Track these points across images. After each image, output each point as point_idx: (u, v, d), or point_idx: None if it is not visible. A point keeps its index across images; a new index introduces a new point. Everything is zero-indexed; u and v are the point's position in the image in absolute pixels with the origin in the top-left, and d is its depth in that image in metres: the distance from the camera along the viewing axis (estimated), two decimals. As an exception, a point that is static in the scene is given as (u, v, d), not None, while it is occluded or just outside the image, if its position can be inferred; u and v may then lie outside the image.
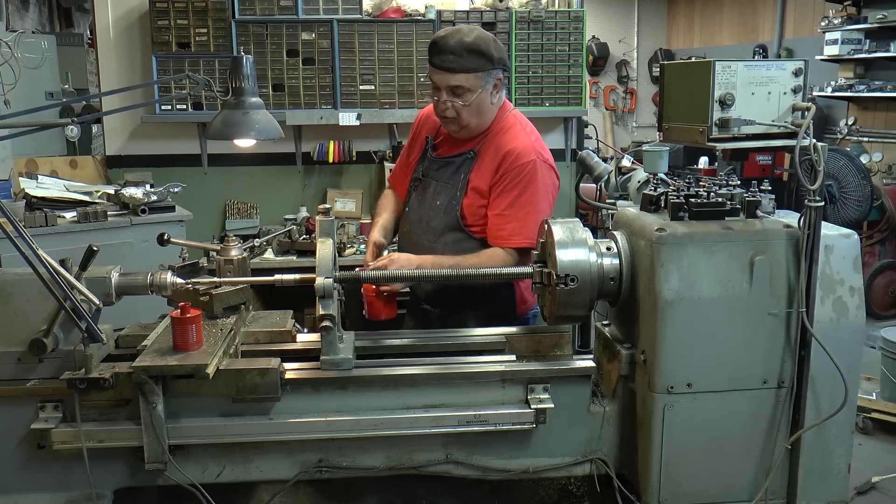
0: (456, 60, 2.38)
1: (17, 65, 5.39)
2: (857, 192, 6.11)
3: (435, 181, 2.59)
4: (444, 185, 2.56)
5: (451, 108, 2.45)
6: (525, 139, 2.51)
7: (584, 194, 4.58)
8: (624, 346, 2.09)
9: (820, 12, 8.00)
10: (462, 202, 2.51)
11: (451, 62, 2.39)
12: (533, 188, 2.45)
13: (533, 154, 2.47)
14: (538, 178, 2.46)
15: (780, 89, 1.98)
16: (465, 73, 2.40)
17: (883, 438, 4.26)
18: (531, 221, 2.39)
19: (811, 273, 1.93)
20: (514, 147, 2.47)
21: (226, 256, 2.14)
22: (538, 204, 2.47)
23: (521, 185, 2.45)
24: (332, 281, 1.95)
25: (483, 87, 2.44)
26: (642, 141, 8.93)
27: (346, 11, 4.84)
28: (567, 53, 5.01)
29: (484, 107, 2.48)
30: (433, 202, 2.58)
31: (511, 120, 2.57)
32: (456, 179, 2.54)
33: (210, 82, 2.32)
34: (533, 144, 2.51)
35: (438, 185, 2.58)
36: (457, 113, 2.45)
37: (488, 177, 2.49)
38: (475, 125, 2.51)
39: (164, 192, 4.28)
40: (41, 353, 1.82)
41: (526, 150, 2.47)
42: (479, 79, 2.42)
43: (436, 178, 2.60)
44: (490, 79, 2.45)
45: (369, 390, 1.97)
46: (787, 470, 2.02)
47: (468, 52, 2.39)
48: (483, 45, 2.41)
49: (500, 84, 2.50)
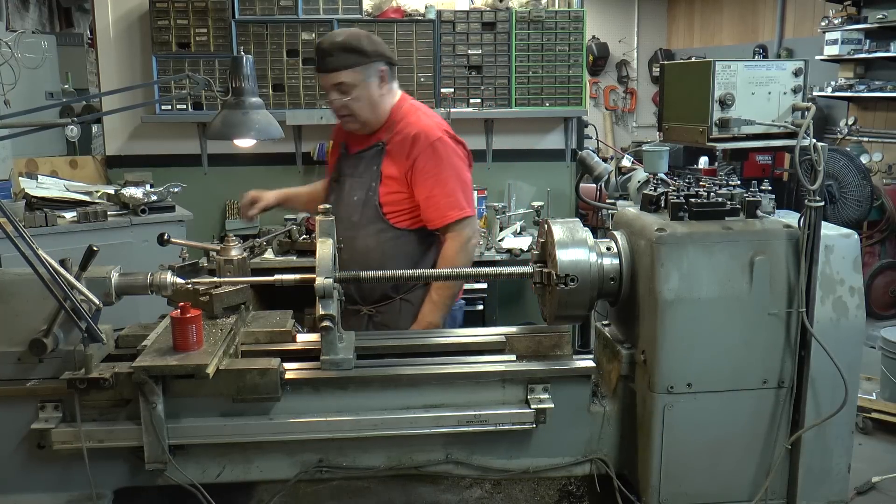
0: (332, 60, 2.54)
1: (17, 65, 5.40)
2: (857, 192, 6.11)
3: (349, 178, 2.72)
4: (358, 179, 2.69)
5: (343, 106, 2.60)
6: (427, 121, 2.67)
7: (584, 194, 4.59)
8: (624, 346, 2.09)
9: (820, 12, 8.01)
10: (378, 192, 2.63)
11: (329, 63, 2.54)
12: (449, 162, 2.61)
13: (438, 131, 2.63)
14: (450, 151, 2.62)
15: (780, 89, 1.98)
16: (344, 69, 2.54)
17: (883, 438, 4.26)
18: (459, 192, 2.61)
19: (811, 273, 1.93)
20: (419, 130, 2.61)
21: (226, 256, 2.14)
22: (460, 175, 2.64)
23: (437, 163, 2.59)
24: (332, 281, 1.95)
25: (365, 81, 2.57)
26: (642, 141, 8.94)
27: (346, 11, 4.84)
28: (567, 53, 5.01)
29: (373, 98, 2.61)
30: (350, 198, 2.69)
31: (410, 108, 2.72)
32: (368, 172, 2.67)
33: (210, 82, 2.32)
34: (437, 124, 2.68)
35: (352, 180, 2.71)
36: (349, 109, 2.60)
37: (400, 163, 2.62)
38: (371, 118, 2.65)
39: (164, 192, 4.28)
40: (41, 353, 1.82)
41: (430, 130, 2.62)
42: (359, 73, 2.56)
43: (350, 175, 2.73)
44: (371, 72, 2.59)
45: (369, 390, 1.97)
46: (787, 470, 2.02)
47: (341, 51, 2.53)
48: (354, 42, 2.56)
49: (385, 75, 2.63)
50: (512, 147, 5.25)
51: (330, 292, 1.95)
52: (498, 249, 4.56)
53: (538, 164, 5.26)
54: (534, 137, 5.28)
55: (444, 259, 2.62)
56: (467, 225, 2.62)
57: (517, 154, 5.26)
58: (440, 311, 2.60)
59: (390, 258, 2.58)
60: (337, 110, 2.63)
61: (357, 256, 2.57)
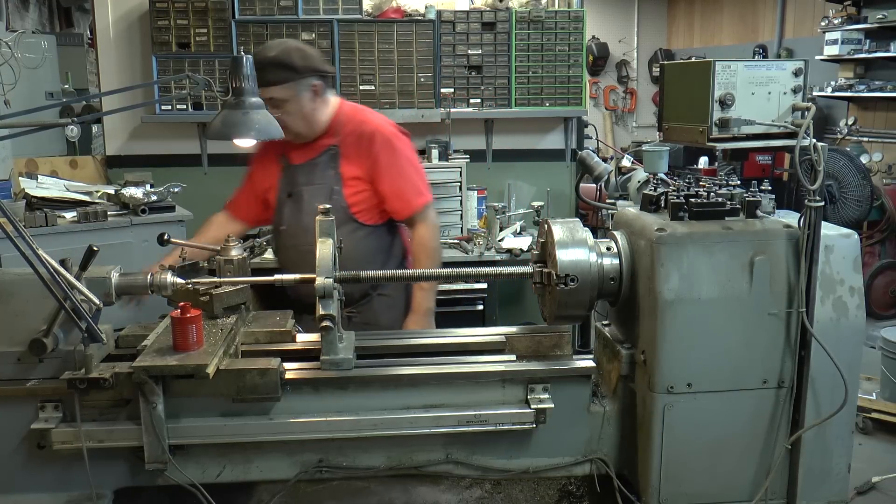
0: (264, 75, 2.47)
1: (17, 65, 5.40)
2: (857, 192, 6.11)
3: (306, 186, 2.72)
4: (318, 186, 2.70)
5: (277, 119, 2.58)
6: (376, 118, 2.76)
7: (584, 194, 4.59)
8: (624, 346, 2.09)
9: (820, 12, 8.01)
10: (343, 193, 2.67)
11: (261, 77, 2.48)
12: (405, 154, 2.74)
13: (389, 126, 2.75)
14: (404, 144, 2.76)
15: (780, 89, 1.98)
16: (275, 85, 2.54)
17: (883, 438, 4.26)
18: (419, 180, 2.75)
19: (811, 273, 1.93)
20: (374, 128, 2.69)
21: (226, 256, 2.14)
22: (416, 164, 2.79)
23: (396, 156, 2.70)
24: (332, 281, 1.95)
25: (297, 96, 2.60)
26: (642, 141, 8.93)
27: (346, 11, 4.84)
28: (567, 53, 5.01)
29: (305, 112, 2.63)
30: (311, 206, 2.64)
31: (353, 109, 2.79)
32: (327, 177, 2.70)
33: (210, 82, 2.31)
34: (385, 120, 2.78)
35: (310, 188, 2.70)
36: (282, 122, 2.54)
37: (360, 162, 2.68)
38: (304, 130, 2.67)
39: (164, 192, 4.28)
40: (41, 353, 1.82)
41: (383, 126, 2.73)
42: (290, 89, 2.58)
43: (306, 184, 2.72)
44: (302, 87, 2.61)
45: (369, 390, 1.97)
46: (787, 470, 2.02)
47: (272, 66, 2.53)
48: (285, 58, 2.57)
49: (318, 89, 2.66)
50: (512, 147, 5.25)
51: (330, 292, 1.95)
52: (498, 249, 4.56)
53: (538, 164, 5.26)
54: (534, 137, 5.28)
55: (422, 245, 2.73)
56: (432, 209, 2.77)
57: (517, 154, 5.26)
58: (432, 295, 2.74)
59: (366, 256, 2.64)
60: None
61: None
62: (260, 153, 2.86)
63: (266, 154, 2.82)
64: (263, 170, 2.84)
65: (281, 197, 2.79)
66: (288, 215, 2.76)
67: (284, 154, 2.77)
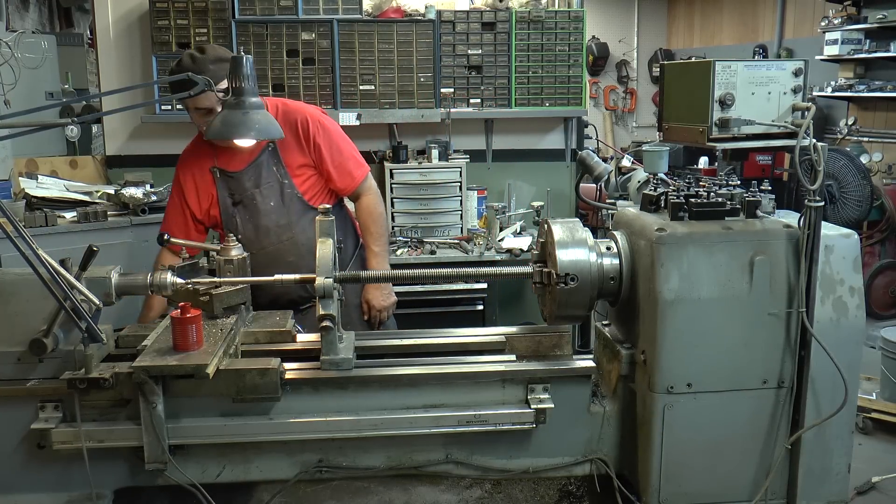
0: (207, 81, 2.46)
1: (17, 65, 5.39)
2: (857, 192, 6.10)
3: (255, 189, 2.71)
4: (266, 184, 2.71)
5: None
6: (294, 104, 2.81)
7: (584, 194, 4.59)
8: (624, 346, 2.09)
9: (820, 12, 8.00)
10: (295, 184, 2.70)
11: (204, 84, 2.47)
12: (335, 130, 2.81)
13: (311, 108, 2.81)
14: (331, 122, 2.83)
15: (780, 89, 1.98)
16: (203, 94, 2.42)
17: (883, 438, 4.26)
18: (354, 151, 2.85)
19: (811, 273, 1.93)
20: (299, 115, 2.72)
21: (226, 256, 2.14)
22: (345, 137, 2.85)
23: (329, 135, 2.76)
24: (332, 281, 1.96)
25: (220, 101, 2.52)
26: (642, 141, 8.93)
27: (346, 11, 4.84)
28: (567, 53, 5.01)
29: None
30: (267, 205, 2.71)
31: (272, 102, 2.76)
32: (272, 173, 2.72)
33: (210, 82, 2.32)
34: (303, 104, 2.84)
35: (261, 189, 2.71)
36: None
37: (301, 149, 2.72)
38: None
39: (164, 192, 4.27)
40: (41, 353, 1.82)
41: (304, 110, 2.77)
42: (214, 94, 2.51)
43: (253, 187, 2.72)
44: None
45: (369, 390, 1.97)
46: (787, 470, 2.02)
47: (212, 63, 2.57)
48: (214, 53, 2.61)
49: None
50: (512, 147, 5.25)
51: (330, 292, 1.95)
52: (498, 249, 4.56)
53: (538, 164, 5.25)
54: (534, 137, 5.27)
55: (369, 213, 2.86)
56: (370, 177, 2.88)
57: (517, 154, 5.26)
58: (386, 258, 2.88)
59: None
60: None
61: (303, 252, 2.64)
62: (185, 175, 2.79)
63: (194, 169, 2.77)
64: (196, 189, 2.76)
65: (226, 208, 2.75)
66: (242, 222, 2.72)
67: (216, 166, 2.74)
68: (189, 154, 2.82)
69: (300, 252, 2.69)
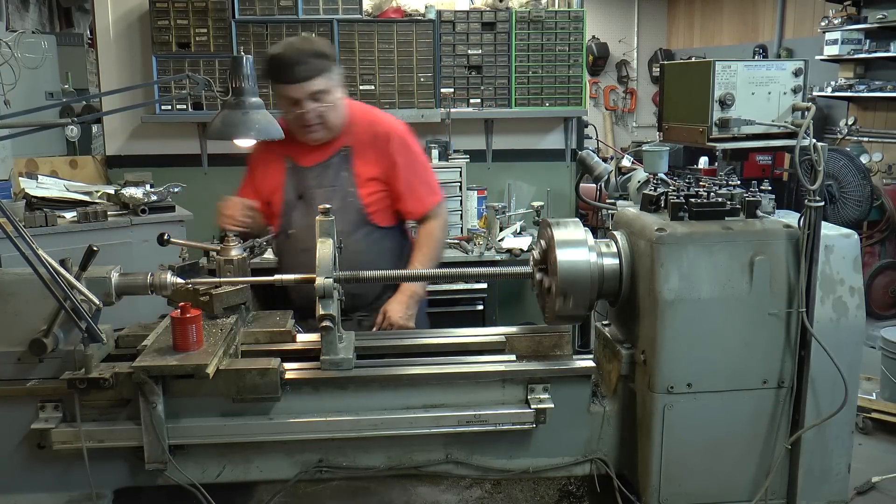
0: (306, 68, 2.47)
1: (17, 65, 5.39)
2: (857, 192, 6.11)
3: (318, 189, 2.64)
4: (330, 188, 2.63)
5: (318, 115, 2.54)
6: (386, 117, 2.74)
7: (584, 194, 4.59)
8: (624, 346, 2.09)
9: (820, 12, 8.00)
10: (358, 195, 2.62)
11: (303, 71, 2.47)
12: (416, 151, 2.73)
13: (401, 125, 2.72)
14: (415, 143, 2.74)
15: (780, 89, 1.98)
16: (318, 76, 2.50)
17: (883, 438, 4.26)
18: (431, 177, 2.76)
19: (811, 273, 1.93)
20: (388, 128, 2.67)
21: (226, 256, 2.14)
22: (426, 162, 2.80)
23: (411, 156, 2.69)
24: (332, 281, 1.95)
25: (335, 87, 2.56)
26: (642, 141, 8.93)
27: (346, 11, 4.84)
28: (567, 53, 5.02)
29: (341, 104, 2.61)
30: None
31: (359, 107, 2.75)
32: (341, 179, 2.63)
33: (210, 82, 2.32)
34: (394, 118, 2.76)
35: (324, 191, 2.63)
36: (322, 117, 2.55)
37: (377, 162, 2.65)
38: (339, 123, 2.62)
39: (164, 192, 4.28)
40: (41, 353, 1.82)
41: (395, 125, 2.70)
42: (329, 78, 2.54)
43: (318, 187, 2.65)
44: (336, 76, 2.58)
45: (369, 390, 1.97)
46: (787, 470, 2.02)
47: (311, 57, 2.49)
48: (319, 47, 2.55)
49: (343, 80, 2.65)
50: (512, 147, 5.26)
51: (330, 292, 1.95)
52: (498, 249, 4.56)
53: (538, 164, 5.26)
54: (534, 137, 5.28)
55: (430, 234, 2.72)
56: (443, 207, 2.80)
57: (517, 154, 5.26)
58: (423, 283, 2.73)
59: (380, 258, 2.58)
60: (308, 121, 2.55)
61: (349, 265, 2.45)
62: (261, 154, 2.76)
63: (268, 155, 2.72)
64: (266, 171, 2.75)
65: (288, 200, 2.69)
66: (298, 218, 2.67)
67: (289, 156, 2.69)
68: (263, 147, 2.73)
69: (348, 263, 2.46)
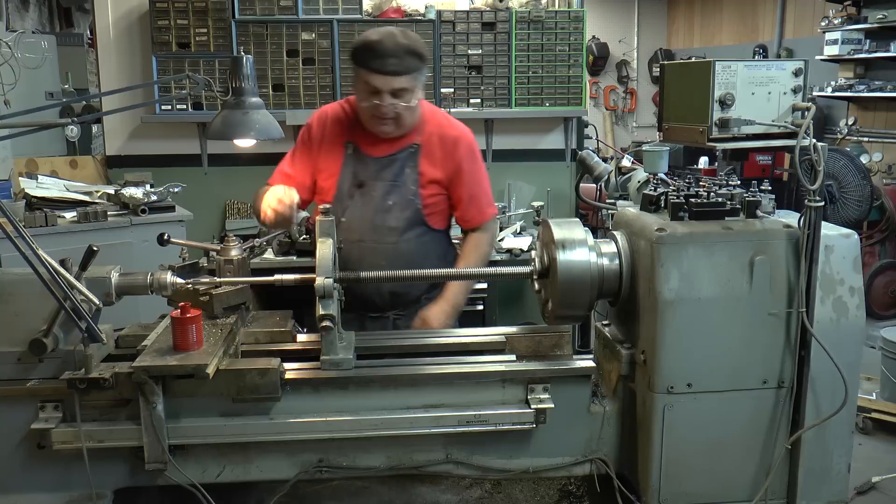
0: (398, 63, 2.37)
1: (17, 65, 5.39)
2: (857, 192, 6.10)
3: (380, 182, 2.54)
4: (392, 183, 2.54)
5: (392, 111, 2.43)
6: (454, 120, 2.66)
7: (584, 194, 4.59)
8: (624, 346, 2.09)
9: (820, 12, 8.01)
10: (421, 194, 2.55)
11: (394, 65, 2.36)
12: (480, 159, 2.69)
13: (468, 131, 2.65)
14: (479, 152, 2.70)
15: (780, 89, 1.98)
16: (407, 74, 2.40)
17: (883, 438, 4.26)
18: (490, 188, 2.73)
19: (811, 273, 1.93)
20: (456, 133, 2.60)
21: (226, 256, 2.14)
22: (486, 173, 2.74)
23: (476, 163, 2.65)
24: (332, 281, 1.95)
25: (417, 87, 2.46)
26: (642, 141, 8.93)
27: (346, 11, 4.85)
28: (567, 53, 5.02)
29: (416, 105, 2.51)
30: (384, 202, 2.53)
31: (430, 108, 2.67)
32: (404, 175, 2.54)
33: (210, 82, 2.32)
34: (462, 124, 2.67)
35: (385, 184, 2.54)
36: (397, 115, 2.44)
37: (442, 165, 2.57)
38: (410, 124, 2.53)
39: (164, 192, 4.28)
40: (41, 353, 1.82)
41: (464, 131, 2.63)
42: (416, 79, 2.44)
43: (380, 179, 2.54)
44: (423, 78, 2.50)
45: (369, 390, 1.97)
46: (787, 470, 2.02)
47: (407, 54, 2.38)
48: (418, 46, 2.44)
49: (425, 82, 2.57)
50: (512, 147, 5.26)
51: (330, 292, 1.95)
52: (498, 249, 4.56)
53: (538, 164, 5.26)
54: (534, 137, 5.28)
55: (478, 245, 2.68)
56: (496, 223, 2.79)
57: (517, 154, 5.26)
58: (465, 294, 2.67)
59: (428, 260, 2.50)
60: (384, 114, 2.43)
61: (398, 263, 2.42)
62: (321, 131, 2.60)
63: (329, 135, 2.59)
64: (325, 151, 2.59)
65: (344, 186, 2.56)
66: (353, 208, 2.54)
67: (353, 141, 2.56)
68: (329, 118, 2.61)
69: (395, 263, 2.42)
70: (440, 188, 2.58)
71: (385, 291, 2.55)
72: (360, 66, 2.41)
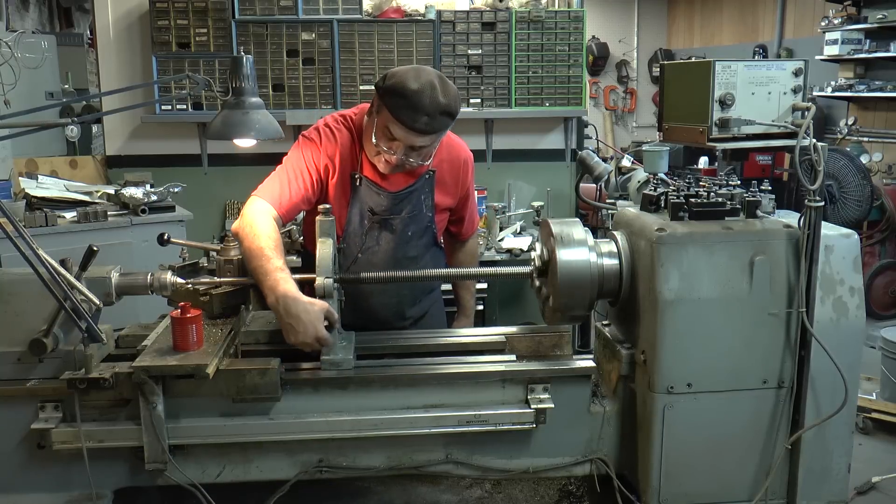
0: (429, 123, 2.15)
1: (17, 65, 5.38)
2: (857, 192, 6.10)
3: (397, 216, 2.40)
4: (410, 215, 2.41)
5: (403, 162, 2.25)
6: (456, 139, 2.51)
7: (584, 194, 4.58)
8: (624, 346, 2.09)
9: (820, 12, 8.01)
10: (435, 220, 2.49)
11: (425, 124, 2.14)
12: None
13: (468, 148, 2.56)
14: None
15: (780, 89, 1.98)
16: (433, 134, 2.20)
17: (883, 438, 4.26)
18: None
19: (811, 273, 1.93)
20: (464, 155, 2.52)
21: (226, 256, 2.14)
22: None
23: (472, 179, 2.60)
24: (332, 281, 1.95)
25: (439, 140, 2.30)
26: (642, 141, 8.93)
27: (346, 11, 4.84)
28: (567, 53, 5.01)
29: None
30: (404, 234, 2.42)
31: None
32: (420, 204, 2.43)
33: (210, 82, 2.32)
34: (464, 143, 2.55)
35: (404, 218, 2.41)
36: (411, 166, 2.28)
37: (453, 190, 2.51)
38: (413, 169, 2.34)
39: (164, 192, 4.28)
40: (41, 353, 1.82)
41: (467, 150, 2.55)
42: (440, 136, 2.27)
43: (398, 213, 2.39)
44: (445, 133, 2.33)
45: (369, 390, 1.97)
46: (787, 470, 2.02)
47: (441, 114, 2.16)
48: (454, 105, 2.19)
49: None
50: (512, 147, 5.25)
51: (330, 292, 1.95)
52: (498, 249, 4.56)
53: (538, 164, 5.26)
54: (534, 137, 5.28)
55: (472, 255, 2.79)
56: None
57: (517, 154, 5.26)
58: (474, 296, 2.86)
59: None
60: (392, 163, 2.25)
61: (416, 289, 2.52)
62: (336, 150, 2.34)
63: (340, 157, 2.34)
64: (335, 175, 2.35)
65: (356, 219, 2.37)
66: (371, 243, 2.39)
67: (362, 174, 2.35)
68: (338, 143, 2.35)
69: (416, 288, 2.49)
70: (447, 210, 2.55)
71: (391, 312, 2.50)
72: (388, 110, 2.17)
